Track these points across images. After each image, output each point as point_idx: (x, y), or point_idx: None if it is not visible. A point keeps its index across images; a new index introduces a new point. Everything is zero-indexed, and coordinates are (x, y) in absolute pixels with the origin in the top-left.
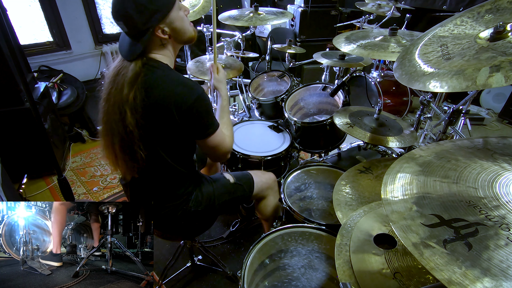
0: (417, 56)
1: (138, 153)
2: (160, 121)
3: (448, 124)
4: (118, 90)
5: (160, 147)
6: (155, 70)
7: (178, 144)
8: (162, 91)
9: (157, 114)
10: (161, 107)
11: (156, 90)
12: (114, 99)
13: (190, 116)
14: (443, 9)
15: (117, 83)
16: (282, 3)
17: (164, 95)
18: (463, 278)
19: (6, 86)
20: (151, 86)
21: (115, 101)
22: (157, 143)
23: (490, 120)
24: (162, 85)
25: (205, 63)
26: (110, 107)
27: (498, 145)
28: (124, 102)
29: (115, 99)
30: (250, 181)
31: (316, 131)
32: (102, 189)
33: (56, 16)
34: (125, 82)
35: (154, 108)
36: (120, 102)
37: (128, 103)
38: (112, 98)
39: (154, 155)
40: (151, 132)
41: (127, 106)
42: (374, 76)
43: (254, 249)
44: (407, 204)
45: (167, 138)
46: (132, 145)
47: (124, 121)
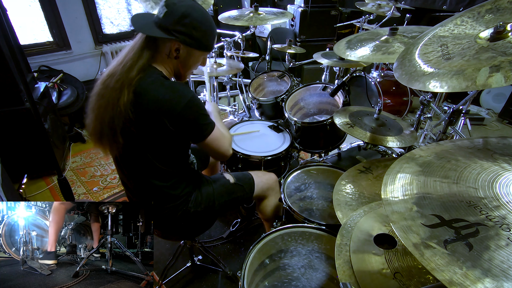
0: (417, 56)
1: (117, 136)
2: (150, 128)
3: (448, 124)
4: (124, 68)
5: (149, 153)
6: (148, 76)
7: (168, 149)
8: (151, 98)
9: (147, 121)
10: (151, 114)
11: (145, 96)
12: (120, 75)
13: (183, 122)
14: (443, 9)
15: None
16: (282, 3)
17: (153, 102)
18: (464, 278)
19: (6, 86)
20: (141, 92)
21: (120, 77)
22: (145, 148)
23: (490, 120)
24: (151, 92)
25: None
26: (112, 83)
27: (498, 145)
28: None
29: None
30: (250, 182)
31: (316, 131)
32: (102, 189)
33: (56, 16)
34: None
35: (144, 115)
36: (124, 79)
37: (130, 85)
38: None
39: (143, 159)
40: (139, 137)
41: (127, 86)
42: (374, 76)
43: (254, 249)
44: (408, 204)
45: (156, 145)
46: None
47: (120, 98)
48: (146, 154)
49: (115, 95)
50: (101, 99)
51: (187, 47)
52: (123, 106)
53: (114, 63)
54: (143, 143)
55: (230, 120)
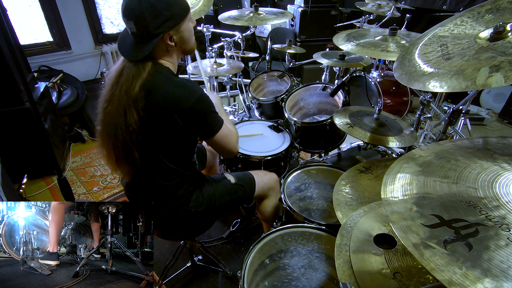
0: (417, 56)
1: (134, 153)
2: (160, 124)
3: (448, 124)
4: (123, 90)
5: (159, 151)
6: (157, 74)
7: (177, 146)
8: (162, 94)
9: (158, 118)
10: (161, 110)
11: (156, 93)
12: (119, 100)
13: (193, 118)
14: (443, 9)
15: (121, 83)
16: (282, 3)
17: (164, 99)
18: (463, 278)
19: (6, 86)
20: (151, 89)
21: (119, 102)
22: (156, 147)
23: (490, 120)
24: (162, 89)
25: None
26: (114, 109)
27: (498, 145)
28: (129, 102)
29: (119, 99)
30: (251, 182)
31: (316, 131)
32: (102, 189)
33: (56, 16)
34: (133, 81)
35: (155, 112)
36: (125, 103)
37: (135, 102)
38: (116, 99)
39: (153, 158)
40: (151, 136)
41: (132, 105)
42: (374, 76)
43: (254, 249)
44: (407, 204)
45: (167, 142)
46: (130, 146)
47: (127, 121)
48: (157, 152)
49: (121, 120)
50: (108, 127)
51: (175, 27)
52: (134, 124)
53: (108, 86)
54: (154, 142)
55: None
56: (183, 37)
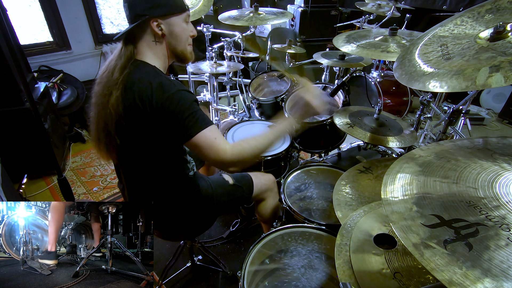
0: (417, 56)
1: (114, 138)
2: (139, 124)
3: (448, 124)
4: (109, 73)
5: (145, 157)
6: (140, 70)
7: (161, 143)
8: (137, 90)
9: (135, 116)
10: (136, 107)
11: (132, 89)
12: (104, 82)
13: (163, 113)
14: (443, 9)
15: (109, 67)
16: (282, 3)
17: (138, 94)
18: (463, 278)
19: (6, 86)
20: (128, 86)
21: (104, 84)
22: (142, 151)
23: (490, 120)
24: (138, 84)
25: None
26: (100, 90)
27: (498, 145)
28: (110, 84)
29: (104, 81)
30: (249, 183)
31: (316, 131)
32: (102, 189)
33: (56, 16)
34: (116, 66)
35: (131, 108)
36: (108, 84)
37: (116, 87)
38: (103, 81)
39: (141, 166)
40: (133, 138)
41: (114, 88)
42: (374, 76)
43: (254, 249)
44: (407, 204)
45: (148, 145)
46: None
47: (109, 102)
48: (143, 159)
49: (105, 101)
50: (95, 107)
51: (164, 16)
52: (112, 108)
53: (100, 71)
54: (137, 144)
55: (230, 120)
56: (173, 31)
